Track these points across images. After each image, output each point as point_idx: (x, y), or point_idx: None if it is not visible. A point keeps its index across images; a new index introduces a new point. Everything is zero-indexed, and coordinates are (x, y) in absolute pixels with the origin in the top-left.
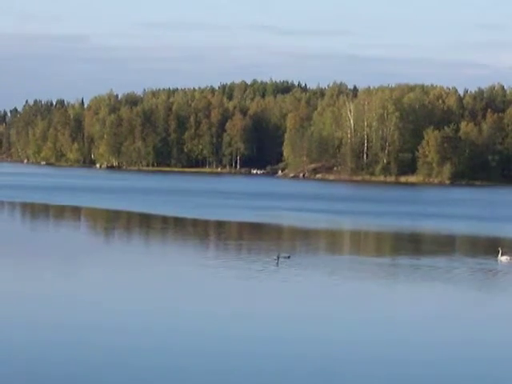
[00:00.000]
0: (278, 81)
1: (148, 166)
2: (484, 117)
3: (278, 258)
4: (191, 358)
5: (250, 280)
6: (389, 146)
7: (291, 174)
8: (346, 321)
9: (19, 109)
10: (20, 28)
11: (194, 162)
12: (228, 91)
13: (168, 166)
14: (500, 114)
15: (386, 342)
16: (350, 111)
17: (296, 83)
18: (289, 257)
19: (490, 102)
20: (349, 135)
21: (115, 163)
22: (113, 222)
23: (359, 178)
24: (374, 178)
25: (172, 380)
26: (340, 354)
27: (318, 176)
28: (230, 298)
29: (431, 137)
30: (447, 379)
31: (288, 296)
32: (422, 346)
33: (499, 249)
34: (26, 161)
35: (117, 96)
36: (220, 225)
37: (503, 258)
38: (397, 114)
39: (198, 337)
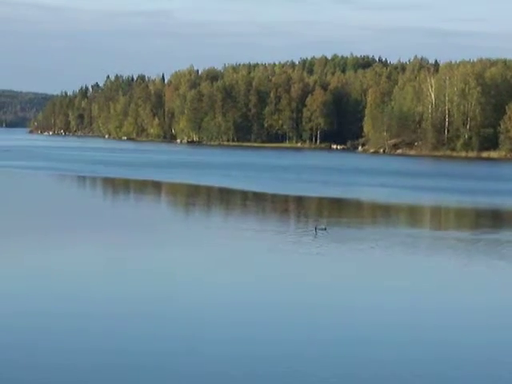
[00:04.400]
0: (358, 55)
1: (228, 141)
2: None
3: (316, 229)
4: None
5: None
6: (470, 121)
7: (371, 150)
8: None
9: (101, 84)
10: (105, 3)
11: (274, 137)
12: (308, 66)
13: (248, 141)
14: None
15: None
16: (431, 86)
17: (377, 58)
18: (325, 228)
19: None
20: (430, 110)
21: (195, 138)
22: (193, 196)
23: (440, 153)
24: (455, 154)
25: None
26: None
27: (399, 151)
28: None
29: None
30: None
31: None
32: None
33: None
34: (107, 136)
35: (197, 71)
36: (299, 200)
37: None
38: (478, 88)
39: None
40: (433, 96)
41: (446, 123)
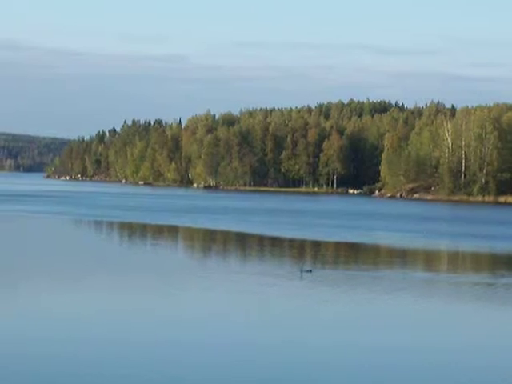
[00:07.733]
0: (375, 100)
1: (245, 185)
2: None
3: (301, 271)
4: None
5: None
6: (487, 165)
7: (388, 194)
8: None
9: (117, 129)
10: (121, 48)
11: (291, 182)
12: (325, 111)
13: (265, 185)
14: None
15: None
16: (448, 130)
17: (393, 103)
18: (311, 271)
19: None
20: (446, 155)
21: (212, 183)
22: (209, 241)
23: (457, 197)
24: (471, 198)
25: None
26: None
27: (416, 196)
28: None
29: None
30: None
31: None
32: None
33: None
34: (124, 181)
35: (214, 116)
36: (313, 244)
37: None
38: (495, 133)
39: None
40: (449, 140)
41: (463, 168)
